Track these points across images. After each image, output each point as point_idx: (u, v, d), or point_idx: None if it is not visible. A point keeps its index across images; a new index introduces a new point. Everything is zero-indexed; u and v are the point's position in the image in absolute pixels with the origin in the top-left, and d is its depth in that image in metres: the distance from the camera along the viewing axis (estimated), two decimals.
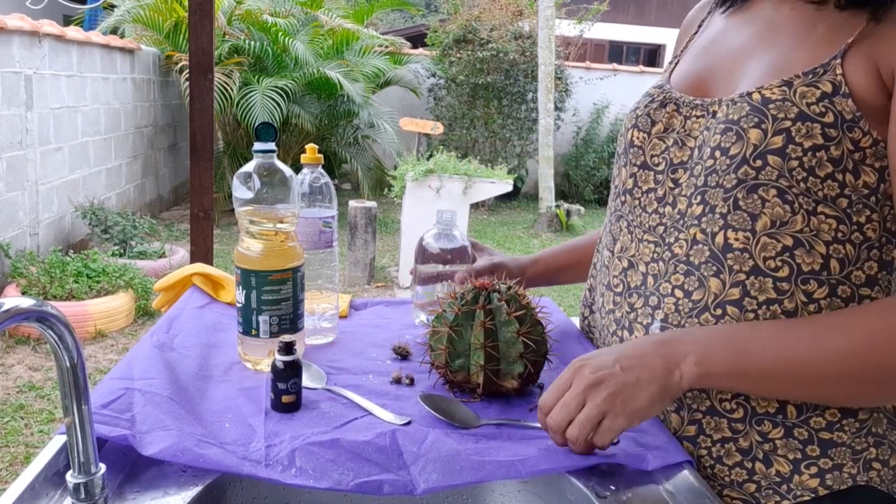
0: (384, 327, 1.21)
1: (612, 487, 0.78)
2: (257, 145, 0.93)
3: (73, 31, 5.48)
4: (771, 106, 0.80)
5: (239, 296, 0.96)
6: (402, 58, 8.99)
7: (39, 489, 0.70)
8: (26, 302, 0.55)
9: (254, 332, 0.96)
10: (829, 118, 0.78)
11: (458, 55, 8.71)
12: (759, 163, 0.80)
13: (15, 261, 4.25)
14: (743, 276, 0.83)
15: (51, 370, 3.50)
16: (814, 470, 0.82)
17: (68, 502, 0.65)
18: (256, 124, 0.92)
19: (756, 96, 0.81)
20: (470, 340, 0.92)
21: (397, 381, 0.99)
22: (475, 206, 7.92)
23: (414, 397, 0.94)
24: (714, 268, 0.84)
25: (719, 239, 0.84)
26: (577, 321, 1.19)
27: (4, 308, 0.53)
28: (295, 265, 0.97)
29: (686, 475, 0.79)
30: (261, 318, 0.95)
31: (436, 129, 6.45)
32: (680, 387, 0.77)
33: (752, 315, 0.82)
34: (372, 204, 5.43)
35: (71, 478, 0.64)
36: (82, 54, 5.62)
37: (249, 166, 0.94)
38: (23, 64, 4.71)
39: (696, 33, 1.03)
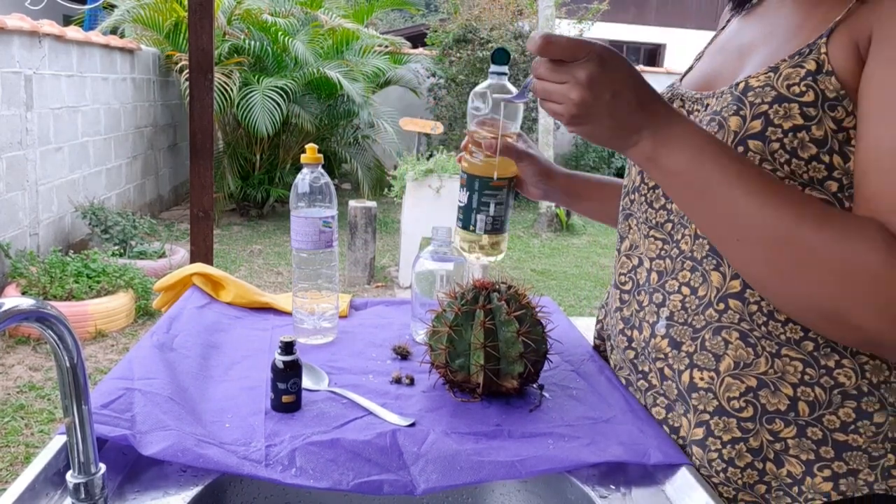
0: (384, 327, 1.21)
1: (612, 487, 0.78)
2: (493, 68, 1.02)
3: (73, 32, 5.47)
4: (750, 93, 0.80)
5: (462, 196, 1.07)
6: (402, 57, 8.98)
7: (39, 489, 0.70)
8: (26, 302, 0.55)
9: (471, 227, 1.07)
10: (809, 97, 0.76)
11: (458, 55, 8.71)
12: (740, 149, 0.79)
13: (15, 261, 4.25)
14: None
15: (51, 370, 3.50)
16: (827, 473, 0.78)
17: (68, 502, 0.66)
18: (494, 50, 1.01)
19: (741, 86, 0.81)
20: (470, 340, 0.92)
21: (397, 381, 0.99)
22: None
23: (414, 397, 0.94)
24: (714, 261, 0.83)
25: None
26: (577, 321, 1.19)
27: (4, 308, 0.53)
28: (511, 175, 1.08)
29: (686, 475, 0.79)
30: (478, 217, 1.06)
31: (436, 128, 6.44)
32: (635, 150, 0.78)
33: (755, 307, 0.80)
34: (372, 204, 5.43)
35: (71, 478, 0.64)
36: (82, 54, 5.62)
37: (484, 86, 1.03)
38: (23, 64, 4.71)
39: (714, 37, 1.04)
